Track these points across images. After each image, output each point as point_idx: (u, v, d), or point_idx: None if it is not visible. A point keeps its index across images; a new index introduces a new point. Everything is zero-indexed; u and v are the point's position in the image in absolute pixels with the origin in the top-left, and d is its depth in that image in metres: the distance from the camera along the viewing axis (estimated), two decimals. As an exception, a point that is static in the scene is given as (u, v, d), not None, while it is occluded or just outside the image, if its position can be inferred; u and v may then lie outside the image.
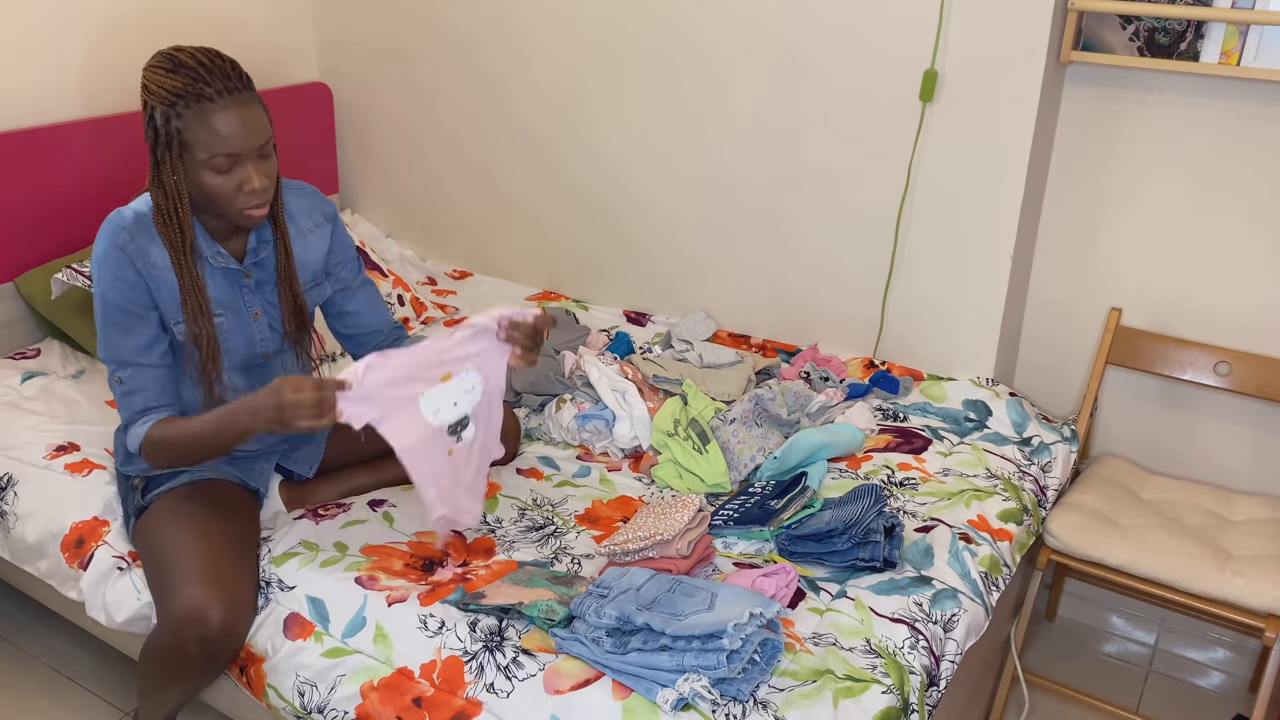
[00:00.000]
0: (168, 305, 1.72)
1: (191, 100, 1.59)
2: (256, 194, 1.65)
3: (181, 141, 1.61)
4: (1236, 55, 2.01)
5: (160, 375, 1.75)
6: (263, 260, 1.81)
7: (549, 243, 2.96)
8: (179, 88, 1.60)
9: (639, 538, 1.70)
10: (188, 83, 1.60)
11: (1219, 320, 2.25)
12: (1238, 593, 1.89)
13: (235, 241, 1.79)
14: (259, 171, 1.65)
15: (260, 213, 1.69)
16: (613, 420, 2.18)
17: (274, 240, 1.80)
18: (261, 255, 1.81)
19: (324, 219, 1.90)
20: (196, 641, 1.61)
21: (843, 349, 2.55)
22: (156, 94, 1.62)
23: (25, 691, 2.21)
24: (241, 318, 1.80)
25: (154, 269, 1.70)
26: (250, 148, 1.63)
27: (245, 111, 1.62)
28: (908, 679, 1.56)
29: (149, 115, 1.64)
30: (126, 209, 1.72)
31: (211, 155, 1.61)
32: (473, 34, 2.85)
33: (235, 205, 1.66)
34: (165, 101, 1.60)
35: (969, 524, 1.92)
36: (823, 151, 2.42)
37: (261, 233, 1.80)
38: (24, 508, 1.98)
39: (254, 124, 1.63)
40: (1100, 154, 2.27)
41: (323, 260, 1.90)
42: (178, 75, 1.60)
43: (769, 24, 2.40)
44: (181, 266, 1.70)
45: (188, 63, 1.62)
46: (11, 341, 2.50)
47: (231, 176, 1.64)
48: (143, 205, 1.73)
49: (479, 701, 1.51)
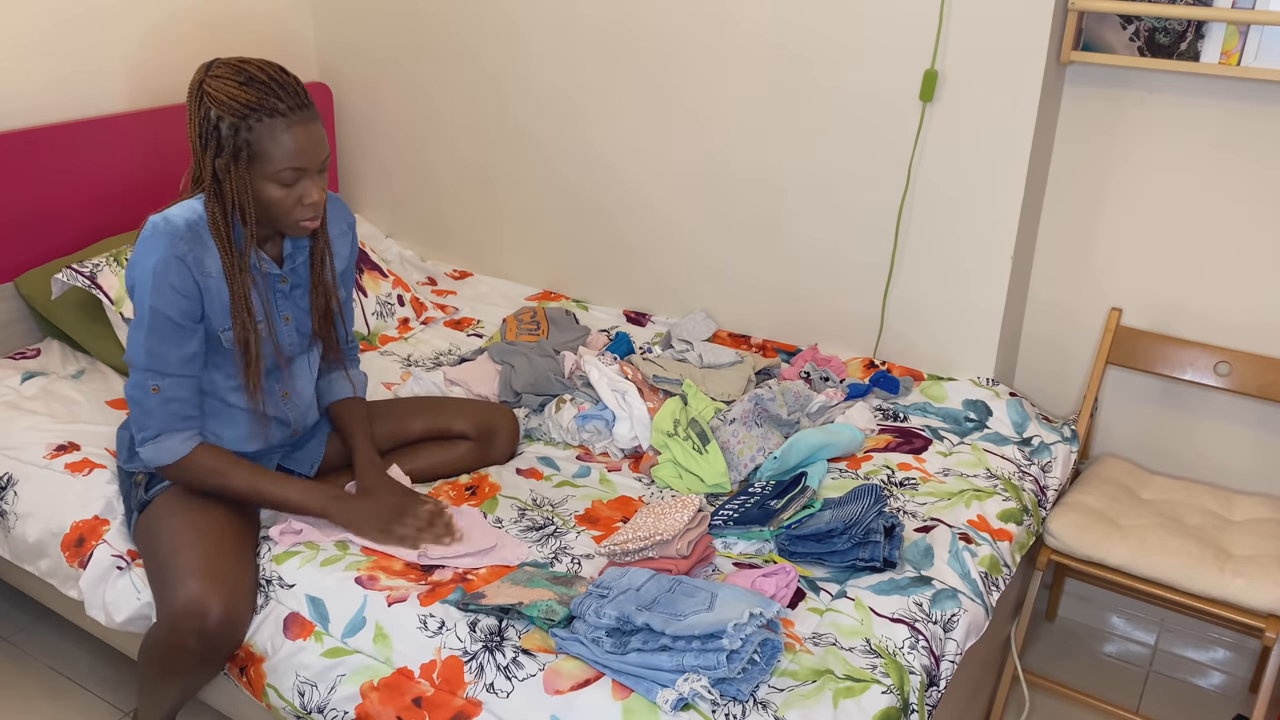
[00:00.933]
0: (217, 314, 1.74)
1: (265, 115, 1.63)
2: (314, 207, 1.71)
3: (250, 153, 1.64)
4: (1236, 55, 2.01)
5: (195, 386, 1.78)
6: (298, 266, 1.85)
7: (549, 243, 2.96)
8: (253, 101, 1.63)
9: (639, 538, 1.70)
10: (262, 97, 1.63)
11: (1219, 320, 2.25)
12: (1238, 593, 1.89)
13: (271, 247, 1.82)
14: (317, 186, 1.71)
15: (314, 225, 1.74)
16: (613, 420, 2.18)
17: (311, 247, 1.84)
18: (298, 261, 1.84)
19: (347, 227, 1.97)
20: (195, 636, 1.62)
21: (843, 349, 2.55)
22: (227, 105, 1.63)
23: (25, 691, 2.21)
24: (274, 322, 1.83)
25: (208, 279, 1.72)
26: (315, 163, 1.69)
27: (313, 129, 1.68)
28: (908, 679, 1.56)
29: (211, 123, 1.64)
30: (174, 217, 1.70)
31: (280, 169, 1.65)
32: (473, 35, 2.85)
33: (293, 217, 1.71)
34: (236, 113, 1.62)
35: (969, 524, 1.92)
36: (823, 151, 2.42)
37: (296, 239, 1.83)
38: (24, 507, 1.98)
39: (320, 141, 1.69)
40: (1100, 154, 2.27)
41: (346, 266, 1.97)
42: (251, 89, 1.63)
43: (769, 25, 2.40)
44: (238, 272, 1.73)
45: (259, 76, 1.65)
46: (11, 341, 2.50)
47: (294, 190, 1.69)
48: (190, 214, 1.72)
49: (479, 701, 1.51)
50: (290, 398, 1.91)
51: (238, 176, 1.66)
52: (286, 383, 1.90)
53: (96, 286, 2.33)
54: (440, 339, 2.72)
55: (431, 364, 2.56)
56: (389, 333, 2.73)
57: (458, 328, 2.80)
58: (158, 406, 1.74)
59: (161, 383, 1.73)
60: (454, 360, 2.57)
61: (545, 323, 2.66)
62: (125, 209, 2.66)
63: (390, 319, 2.76)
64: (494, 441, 2.10)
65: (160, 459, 1.76)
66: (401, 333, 2.74)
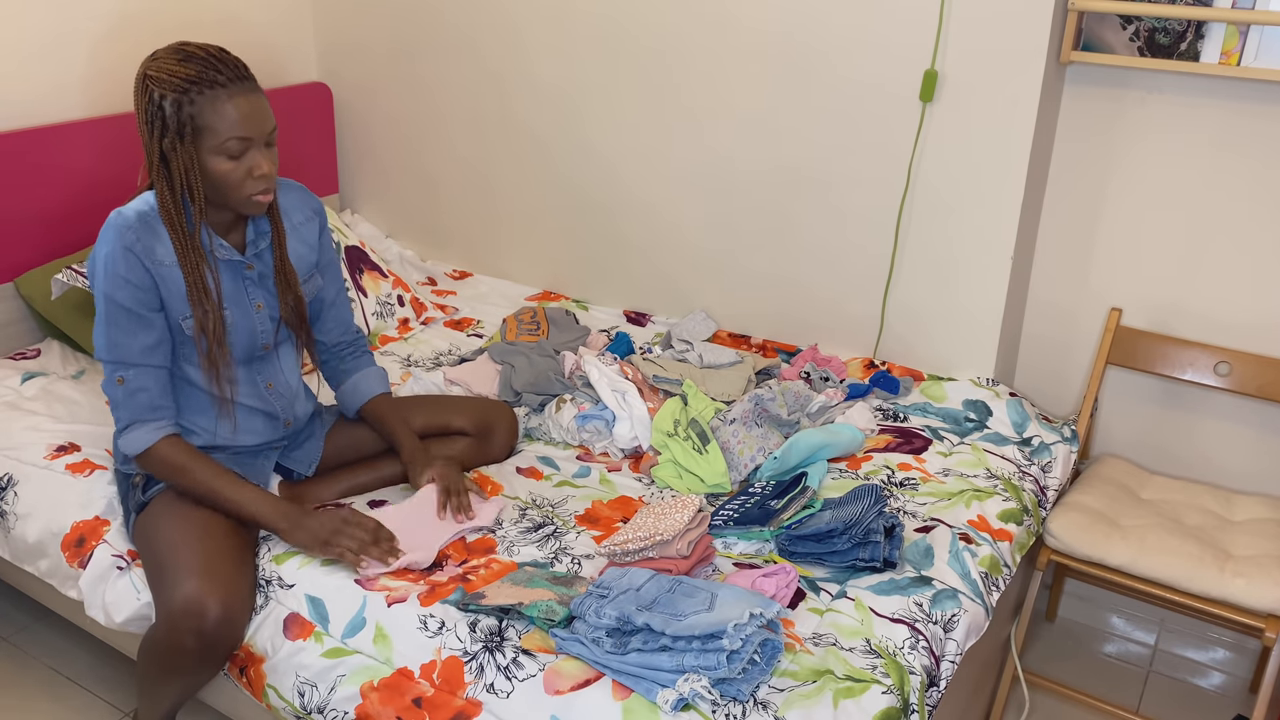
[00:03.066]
0: (175, 302, 1.74)
1: (205, 86, 1.64)
2: (264, 179, 1.71)
3: (194, 128, 1.65)
4: (1236, 55, 2.01)
5: (162, 376, 1.77)
6: (262, 252, 1.84)
7: (549, 243, 2.96)
8: (192, 75, 1.64)
9: (639, 538, 1.70)
10: (201, 70, 1.64)
11: (1219, 320, 2.25)
12: (1238, 593, 1.89)
13: (234, 235, 1.82)
14: (267, 158, 1.71)
15: (266, 199, 1.73)
16: (613, 420, 2.18)
17: (271, 232, 1.84)
18: (261, 247, 1.84)
19: (313, 213, 1.95)
20: (194, 635, 1.62)
21: (843, 349, 2.55)
22: (167, 82, 1.64)
23: (25, 691, 2.21)
24: (244, 309, 1.83)
25: (161, 267, 1.72)
26: (261, 133, 1.69)
27: (256, 99, 1.68)
28: (908, 679, 1.56)
29: (155, 104, 1.65)
30: (127, 209, 1.72)
31: (224, 140, 1.66)
32: (473, 34, 2.85)
33: (244, 191, 1.70)
34: (177, 89, 1.63)
35: (969, 524, 1.92)
36: (823, 151, 2.42)
37: (259, 224, 1.83)
38: (24, 507, 1.98)
39: (264, 111, 1.69)
40: (1100, 154, 2.27)
41: (317, 253, 1.95)
42: (190, 64, 1.65)
43: (768, 24, 2.40)
44: (188, 252, 1.73)
45: (197, 54, 1.66)
46: (11, 341, 2.50)
47: (241, 162, 1.68)
48: (143, 205, 1.74)
49: (479, 702, 1.51)
50: (274, 388, 1.91)
51: (184, 153, 1.66)
52: (269, 373, 1.90)
53: (96, 287, 2.33)
54: (440, 339, 2.72)
55: (431, 364, 2.56)
56: (389, 333, 2.73)
57: (458, 328, 2.80)
58: (125, 398, 1.75)
59: (126, 374, 1.74)
60: (454, 360, 2.57)
61: (545, 323, 2.66)
62: (125, 209, 2.66)
63: (390, 319, 2.76)
64: (492, 438, 2.10)
65: (130, 449, 1.77)
66: (401, 333, 2.74)
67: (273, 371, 1.91)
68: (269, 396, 1.91)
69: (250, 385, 1.87)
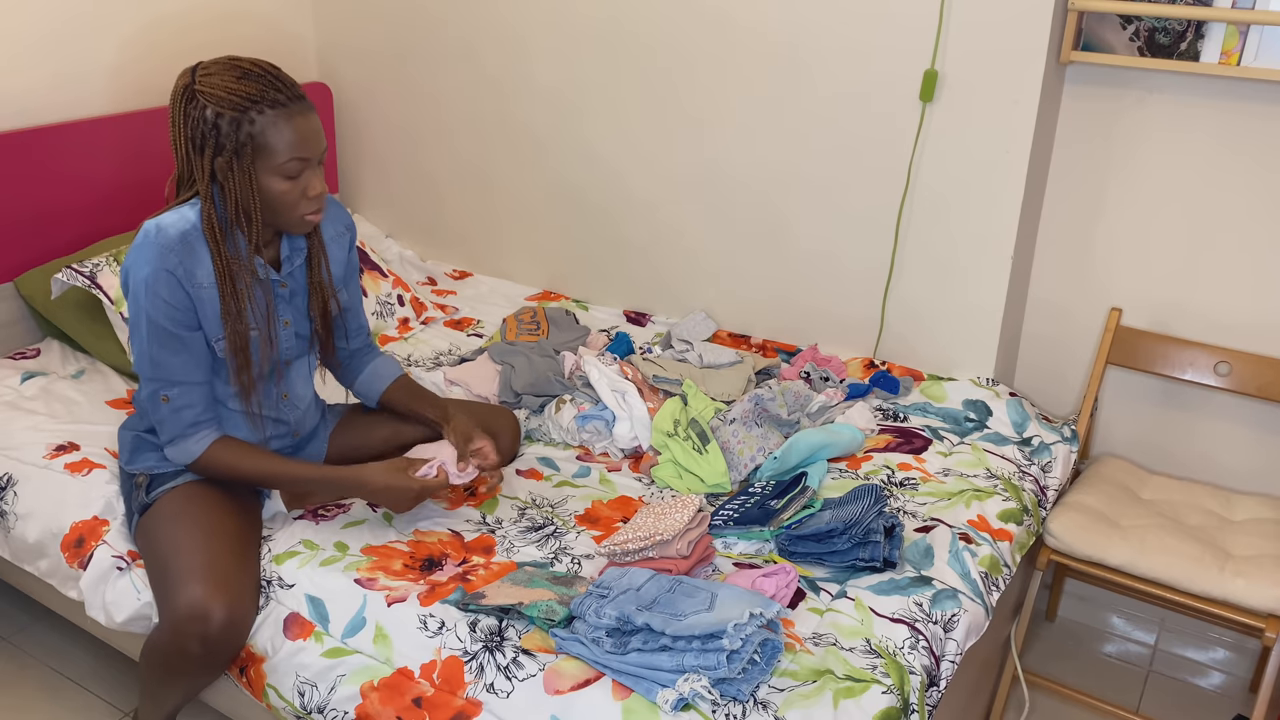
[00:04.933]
0: (211, 323, 1.73)
1: (266, 106, 1.60)
2: (317, 199, 1.69)
3: (255, 147, 1.61)
4: (1236, 55, 2.01)
5: (205, 391, 1.77)
6: (295, 270, 1.83)
7: (549, 243, 2.96)
8: (254, 93, 1.60)
9: (638, 538, 1.70)
10: (262, 89, 1.61)
11: (1219, 320, 2.25)
12: (1238, 593, 1.89)
13: (269, 252, 1.79)
14: (319, 178, 1.69)
15: (317, 219, 1.72)
16: (612, 421, 2.18)
17: (308, 248, 1.82)
18: (295, 264, 1.82)
19: (345, 229, 1.94)
20: (199, 640, 1.61)
21: (843, 349, 2.55)
22: (227, 100, 1.60)
23: (25, 691, 2.21)
24: (275, 327, 1.81)
25: (200, 289, 1.70)
26: (317, 153, 1.67)
27: (313, 119, 1.67)
28: (908, 679, 1.56)
29: (208, 122, 1.61)
30: (166, 227, 1.67)
31: (285, 160, 1.63)
32: (473, 35, 2.85)
33: (298, 211, 1.69)
34: (237, 107, 1.60)
35: (969, 524, 1.92)
36: (823, 151, 2.42)
37: (294, 242, 1.80)
38: (24, 507, 1.98)
39: (319, 131, 1.68)
40: (1100, 154, 2.27)
41: (344, 267, 1.93)
42: (249, 81, 1.61)
43: (768, 24, 2.40)
44: (227, 273, 1.69)
45: (254, 70, 1.63)
46: (11, 341, 2.50)
47: (298, 183, 1.67)
48: (183, 223, 1.68)
49: (479, 701, 1.51)
50: (289, 399, 1.91)
51: (241, 173, 1.63)
52: (285, 385, 1.90)
53: (96, 286, 2.33)
54: (440, 339, 2.72)
55: (431, 364, 2.56)
56: (389, 333, 2.73)
57: (458, 328, 2.80)
58: (169, 415, 1.74)
59: (170, 392, 1.73)
60: (454, 360, 2.57)
61: (545, 323, 2.66)
62: (125, 209, 2.66)
63: (390, 319, 2.76)
64: (495, 443, 2.10)
65: (180, 460, 1.78)
66: (401, 333, 2.74)
67: (289, 383, 1.90)
68: (282, 407, 1.91)
69: (266, 397, 1.87)
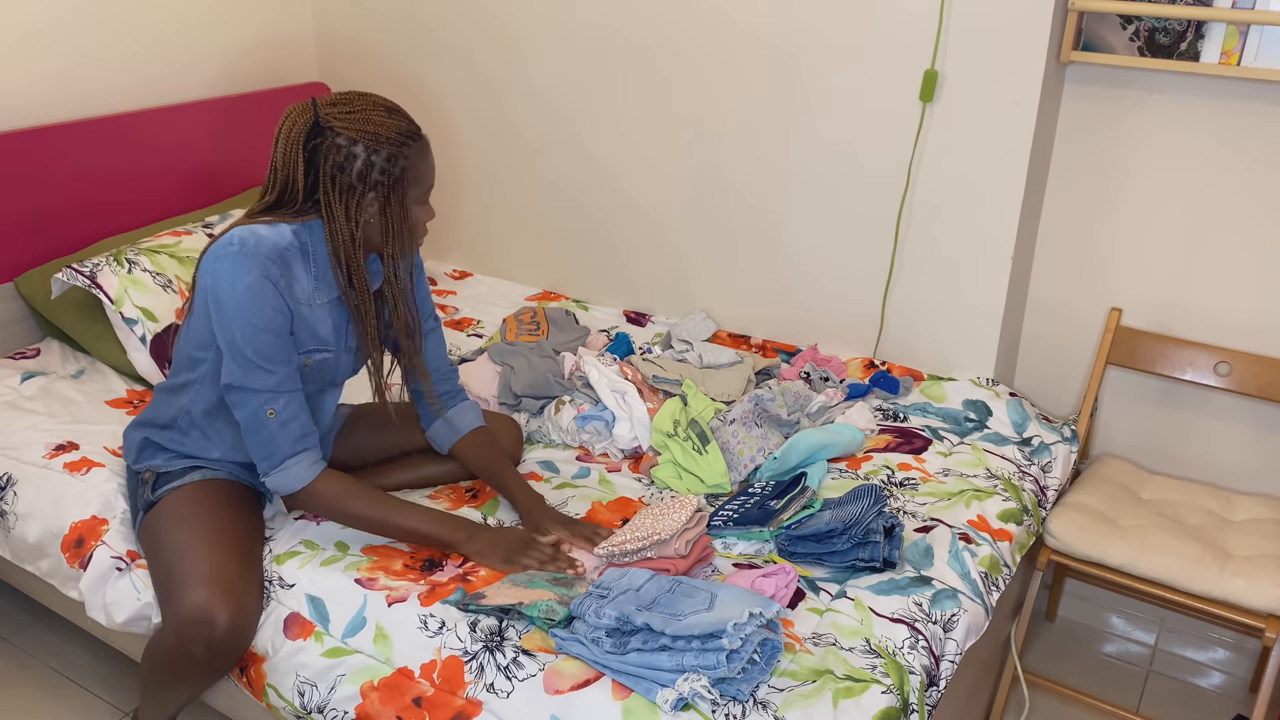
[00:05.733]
0: (301, 339, 1.73)
1: (411, 140, 1.68)
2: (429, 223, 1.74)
3: (407, 180, 1.68)
4: (1236, 55, 2.01)
5: (304, 401, 1.74)
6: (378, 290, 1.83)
7: (549, 243, 2.96)
8: (405, 129, 1.67)
9: (637, 538, 1.70)
10: (408, 125, 1.69)
11: (1219, 320, 2.25)
12: (1238, 593, 1.89)
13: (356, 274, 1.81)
14: None
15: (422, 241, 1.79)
16: (612, 421, 2.18)
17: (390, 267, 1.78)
18: (377, 285, 1.82)
19: None
20: (203, 645, 1.61)
21: (843, 349, 2.55)
22: (385, 138, 1.64)
23: (25, 691, 2.21)
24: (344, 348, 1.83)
25: (298, 304, 1.71)
26: None
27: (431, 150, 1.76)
28: (907, 679, 1.56)
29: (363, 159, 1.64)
30: (264, 238, 1.66)
31: (426, 189, 1.73)
32: (472, 34, 2.85)
33: (420, 236, 1.76)
34: (395, 143, 1.65)
35: (969, 524, 1.92)
36: (822, 151, 2.42)
37: (374, 265, 1.80)
38: (24, 507, 1.98)
39: None
40: (1100, 154, 2.27)
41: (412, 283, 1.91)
42: (398, 118, 1.68)
43: (768, 24, 2.40)
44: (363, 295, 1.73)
45: (392, 105, 1.70)
46: (11, 341, 2.50)
47: (428, 210, 1.76)
48: (279, 238, 1.68)
49: (479, 701, 1.51)
50: (318, 414, 1.89)
51: (397, 204, 1.68)
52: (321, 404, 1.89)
53: (96, 286, 2.33)
54: (440, 339, 2.72)
55: (431, 364, 2.56)
56: (389, 333, 2.73)
57: (458, 328, 2.80)
58: (277, 430, 1.68)
59: (276, 404, 1.68)
60: (454, 361, 2.57)
61: (545, 323, 2.66)
62: (125, 209, 2.66)
63: (390, 319, 2.76)
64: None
65: (288, 487, 1.71)
66: (401, 333, 2.74)
67: (319, 402, 1.89)
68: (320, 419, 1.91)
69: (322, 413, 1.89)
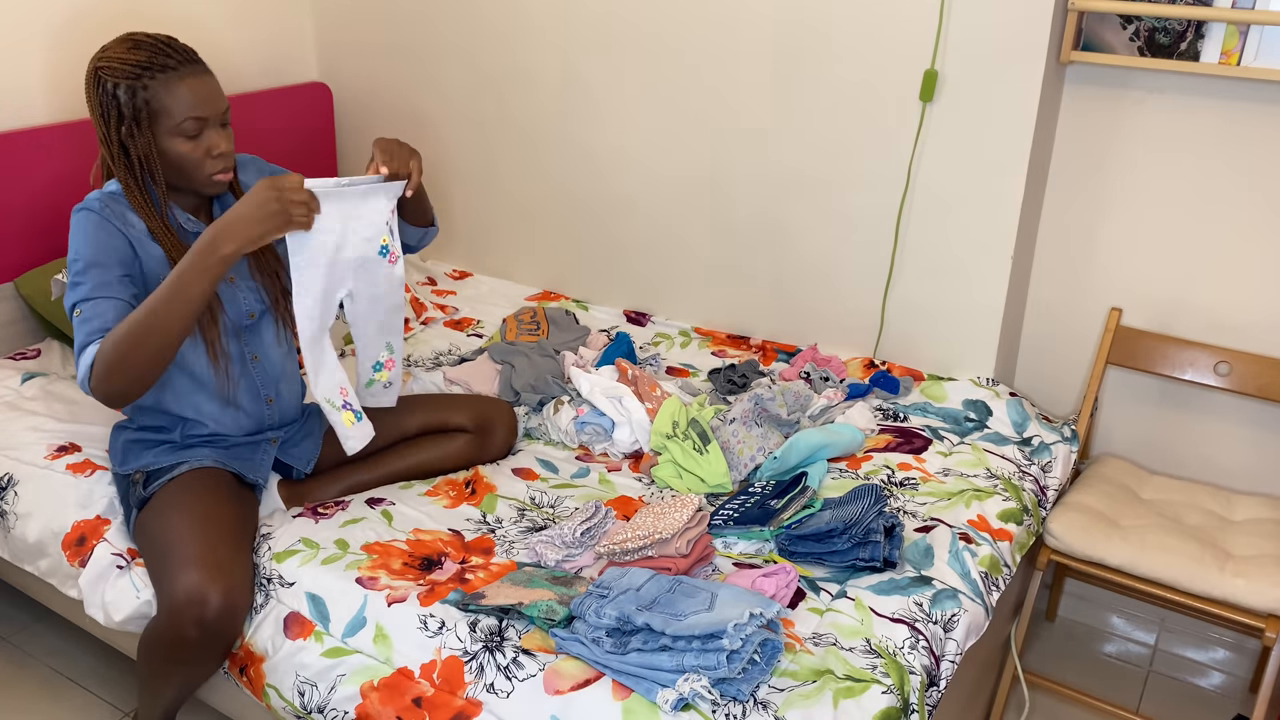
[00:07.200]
0: (153, 272, 1.76)
1: (157, 71, 1.70)
2: (223, 157, 1.77)
3: (150, 112, 1.70)
4: (1236, 55, 2.01)
5: (122, 307, 1.68)
6: None
7: (549, 243, 2.96)
8: (144, 60, 1.70)
9: (637, 537, 1.70)
10: (152, 56, 1.71)
11: (1219, 320, 2.25)
12: (1238, 593, 1.89)
13: (201, 216, 1.86)
14: (224, 137, 1.76)
15: (226, 177, 1.79)
16: (611, 427, 2.18)
17: None
18: None
19: None
20: (196, 624, 1.62)
21: (843, 349, 2.55)
22: (120, 70, 1.70)
23: (25, 691, 2.21)
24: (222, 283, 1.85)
25: (134, 230, 1.75)
26: (215, 113, 1.75)
27: (207, 80, 1.75)
28: (908, 679, 1.56)
29: (109, 94, 1.70)
30: (90, 198, 1.76)
31: (181, 120, 1.71)
32: (472, 34, 2.85)
33: (204, 171, 1.76)
34: (130, 75, 1.69)
35: (969, 524, 1.92)
36: (823, 151, 2.42)
37: (225, 202, 1.87)
38: (24, 507, 1.98)
39: (216, 92, 1.76)
40: (1100, 154, 2.27)
41: None
42: (140, 51, 1.71)
43: (769, 24, 2.40)
44: (165, 231, 1.76)
45: (146, 41, 1.74)
46: (11, 341, 2.50)
47: (199, 143, 1.74)
48: (104, 192, 1.78)
49: (479, 701, 1.51)
50: (259, 360, 1.92)
51: (142, 137, 1.72)
52: (254, 345, 1.91)
53: (96, 286, 2.33)
54: (440, 339, 2.72)
55: (431, 364, 2.56)
56: (389, 333, 2.73)
57: (458, 328, 2.80)
58: (79, 325, 1.66)
59: (85, 306, 1.67)
60: (454, 360, 2.57)
61: (545, 323, 2.66)
62: (125, 209, 2.66)
63: (390, 319, 2.76)
64: (491, 435, 2.10)
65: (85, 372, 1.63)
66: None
67: (257, 344, 1.92)
68: (252, 369, 1.92)
69: (236, 358, 1.89)
